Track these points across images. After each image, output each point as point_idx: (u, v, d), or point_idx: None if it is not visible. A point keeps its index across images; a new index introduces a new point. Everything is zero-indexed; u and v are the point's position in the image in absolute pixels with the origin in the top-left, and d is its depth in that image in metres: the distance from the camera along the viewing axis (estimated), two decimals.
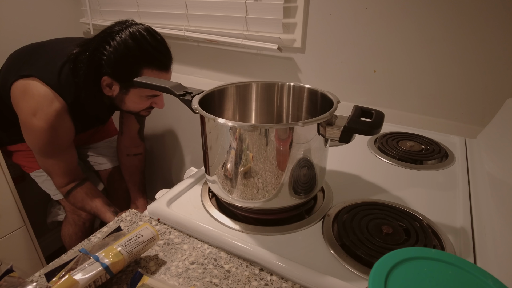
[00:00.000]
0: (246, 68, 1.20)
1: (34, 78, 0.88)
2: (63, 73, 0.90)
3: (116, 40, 0.84)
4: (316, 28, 1.00)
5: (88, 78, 0.88)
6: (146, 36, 0.86)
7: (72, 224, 1.20)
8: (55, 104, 0.89)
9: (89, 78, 0.88)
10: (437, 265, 0.31)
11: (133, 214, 0.56)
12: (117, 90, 0.90)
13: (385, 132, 0.83)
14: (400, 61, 0.91)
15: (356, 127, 0.44)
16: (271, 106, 0.64)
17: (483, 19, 0.78)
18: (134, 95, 0.92)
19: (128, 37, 0.84)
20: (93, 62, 0.86)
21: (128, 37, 0.84)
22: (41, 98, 0.87)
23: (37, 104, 0.87)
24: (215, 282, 0.43)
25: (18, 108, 0.91)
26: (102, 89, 0.91)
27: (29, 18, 1.38)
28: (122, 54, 0.84)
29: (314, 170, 0.50)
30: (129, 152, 1.25)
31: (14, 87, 0.90)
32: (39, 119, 0.88)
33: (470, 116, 0.87)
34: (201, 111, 0.48)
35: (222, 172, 0.50)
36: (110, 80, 0.88)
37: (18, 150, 1.11)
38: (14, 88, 0.91)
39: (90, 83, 0.89)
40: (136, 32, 0.85)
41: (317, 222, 0.52)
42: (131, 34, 0.84)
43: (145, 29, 0.87)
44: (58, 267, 0.42)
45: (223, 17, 1.13)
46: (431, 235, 0.48)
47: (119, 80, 0.88)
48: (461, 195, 0.59)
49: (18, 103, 0.90)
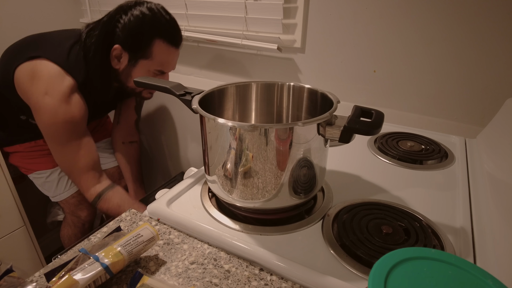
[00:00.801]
0: (246, 68, 1.21)
1: (41, 59, 0.87)
2: (72, 53, 0.90)
3: (133, 11, 0.87)
4: (316, 28, 1.00)
5: (98, 47, 0.88)
6: (162, 11, 0.91)
7: (72, 225, 1.20)
8: (67, 80, 0.87)
9: (99, 48, 0.88)
10: (437, 265, 0.31)
11: (133, 214, 0.56)
12: (125, 63, 0.91)
13: (385, 132, 0.83)
14: (400, 61, 0.91)
15: (356, 127, 0.44)
16: (271, 106, 0.64)
17: (483, 19, 0.78)
18: (142, 69, 0.92)
19: (145, 9, 0.88)
20: (106, 30, 0.87)
21: (145, 9, 0.88)
22: (52, 76, 0.86)
23: (47, 83, 0.85)
24: (215, 282, 0.43)
25: (28, 92, 0.88)
26: (111, 61, 0.90)
27: (29, 18, 1.38)
28: (138, 22, 0.87)
29: (314, 170, 0.50)
30: (125, 140, 1.25)
31: (20, 71, 0.88)
32: (52, 96, 0.85)
33: (470, 116, 0.87)
34: (201, 111, 0.48)
35: (222, 172, 0.50)
36: (120, 50, 0.89)
37: (16, 151, 1.10)
38: (20, 72, 0.88)
39: (99, 53, 0.89)
40: (152, 6, 0.90)
41: (317, 222, 0.52)
42: (148, 8, 0.89)
43: (161, 6, 0.92)
44: (58, 267, 0.42)
45: (223, 17, 1.13)
46: (431, 235, 0.48)
47: (130, 49, 0.89)
48: (461, 195, 0.59)
49: (27, 87, 0.87)
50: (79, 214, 1.17)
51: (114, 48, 0.89)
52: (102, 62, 0.91)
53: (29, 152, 1.09)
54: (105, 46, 0.89)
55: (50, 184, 1.12)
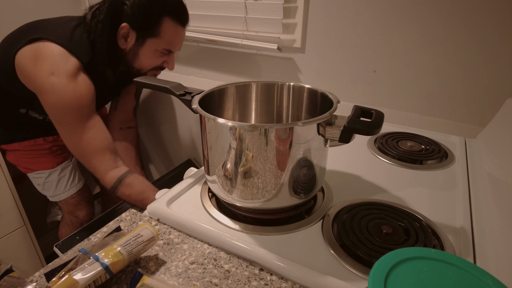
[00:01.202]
0: (246, 68, 1.21)
1: (43, 40, 0.84)
2: (75, 34, 0.88)
3: None
4: (316, 28, 1.00)
5: (106, 25, 0.87)
6: None
7: (70, 225, 1.19)
8: (71, 60, 0.85)
9: (107, 26, 0.87)
10: (437, 265, 0.31)
11: (133, 214, 0.56)
12: (132, 42, 0.90)
13: (385, 132, 0.83)
14: (400, 61, 0.91)
15: (356, 127, 0.44)
16: (271, 106, 0.64)
17: (483, 18, 0.78)
18: (150, 48, 0.91)
19: None
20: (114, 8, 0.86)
21: None
22: (56, 57, 0.83)
23: (52, 62, 0.83)
24: (215, 282, 0.43)
25: (32, 75, 0.84)
26: (118, 41, 0.89)
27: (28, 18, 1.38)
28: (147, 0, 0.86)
29: (314, 170, 0.50)
30: (122, 125, 1.22)
31: (21, 55, 0.85)
32: (58, 76, 0.82)
33: (470, 116, 0.87)
34: (201, 111, 0.48)
35: (222, 172, 0.50)
36: (127, 29, 0.87)
37: (15, 150, 1.09)
38: (21, 55, 0.85)
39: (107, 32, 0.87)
40: None
41: (317, 222, 0.52)
42: None
43: None
44: (58, 267, 0.42)
45: (223, 17, 1.13)
46: (431, 235, 0.48)
47: (138, 27, 0.88)
48: (461, 195, 0.59)
49: (30, 70, 0.84)
50: (77, 214, 1.17)
51: (121, 27, 0.87)
52: (109, 42, 0.89)
53: (29, 151, 1.08)
54: (113, 25, 0.87)
55: (50, 185, 1.12)
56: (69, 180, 1.14)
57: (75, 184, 1.16)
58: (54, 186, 1.12)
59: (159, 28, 0.89)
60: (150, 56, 0.93)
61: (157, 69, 0.98)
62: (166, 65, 0.98)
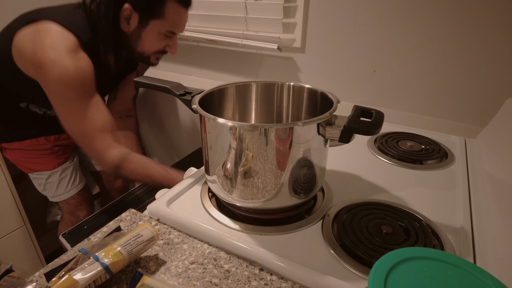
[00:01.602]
0: (246, 68, 1.21)
1: (42, 20, 0.83)
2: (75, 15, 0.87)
3: None
4: (316, 28, 1.00)
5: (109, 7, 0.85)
6: None
7: (69, 224, 1.19)
8: (71, 38, 0.83)
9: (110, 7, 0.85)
10: (437, 265, 0.31)
11: (133, 214, 0.56)
12: (135, 24, 0.88)
13: (385, 132, 0.83)
14: (400, 61, 0.91)
15: (356, 127, 0.44)
16: (271, 106, 0.64)
17: (483, 18, 0.78)
18: (153, 30, 0.90)
19: None
20: None
21: None
22: (56, 34, 0.82)
23: (52, 39, 0.81)
24: (215, 282, 0.43)
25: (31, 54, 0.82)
26: (120, 23, 0.88)
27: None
28: None
29: (314, 170, 0.50)
30: (122, 114, 1.21)
31: (19, 36, 0.83)
32: (59, 51, 0.81)
33: (470, 116, 0.87)
34: (200, 111, 0.48)
35: (222, 172, 0.50)
36: (130, 11, 0.86)
37: (15, 149, 1.08)
38: (19, 37, 0.83)
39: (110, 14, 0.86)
40: None
41: (317, 222, 0.52)
42: None
43: None
44: (58, 267, 0.42)
45: (223, 17, 1.13)
46: (430, 235, 0.48)
47: (142, 9, 0.86)
48: (461, 195, 0.59)
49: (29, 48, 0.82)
50: (78, 214, 1.17)
51: (124, 9, 0.85)
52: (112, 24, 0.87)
53: (30, 150, 1.08)
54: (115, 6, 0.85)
55: (51, 186, 1.12)
56: (70, 181, 1.14)
57: (76, 185, 1.16)
58: (55, 187, 1.12)
59: (163, 8, 0.87)
60: (153, 39, 0.92)
61: (159, 53, 0.97)
62: (169, 49, 0.96)
